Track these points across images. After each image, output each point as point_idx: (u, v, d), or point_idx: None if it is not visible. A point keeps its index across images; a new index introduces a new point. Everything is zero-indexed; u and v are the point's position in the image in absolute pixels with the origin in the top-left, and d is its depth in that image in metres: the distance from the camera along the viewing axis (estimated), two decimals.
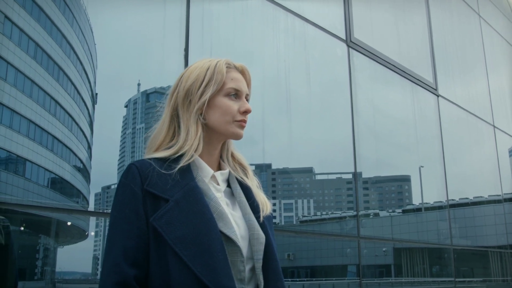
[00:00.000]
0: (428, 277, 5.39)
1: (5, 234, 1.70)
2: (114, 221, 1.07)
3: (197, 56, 3.00)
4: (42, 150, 2.44)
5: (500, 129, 7.17)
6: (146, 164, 1.10)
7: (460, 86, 6.56)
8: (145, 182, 1.07)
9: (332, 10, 4.45)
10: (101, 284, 1.03)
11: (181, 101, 1.18)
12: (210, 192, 1.12)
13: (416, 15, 5.75)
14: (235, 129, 1.19)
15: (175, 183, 1.09)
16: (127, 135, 2.83)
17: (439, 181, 5.51)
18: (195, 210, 1.06)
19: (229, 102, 1.18)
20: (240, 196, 1.20)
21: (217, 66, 1.19)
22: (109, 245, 1.05)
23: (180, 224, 1.04)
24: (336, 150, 4.29)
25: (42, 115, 2.47)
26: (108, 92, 2.73)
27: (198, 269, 1.01)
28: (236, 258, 1.08)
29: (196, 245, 1.03)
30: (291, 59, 3.82)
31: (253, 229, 1.14)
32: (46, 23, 2.54)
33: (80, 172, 2.61)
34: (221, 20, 3.35)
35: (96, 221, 2.68)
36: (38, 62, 2.50)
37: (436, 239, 5.51)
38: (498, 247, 6.77)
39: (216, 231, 1.05)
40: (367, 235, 4.25)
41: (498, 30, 7.88)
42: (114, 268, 1.01)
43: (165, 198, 1.06)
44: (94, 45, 2.70)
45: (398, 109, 5.15)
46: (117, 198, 1.09)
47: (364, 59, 4.59)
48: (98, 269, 2.73)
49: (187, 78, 1.19)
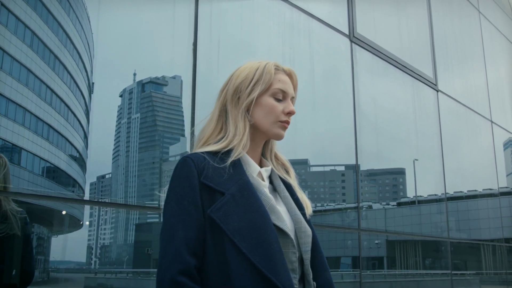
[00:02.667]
0: (421, 269, 5.44)
1: (22, 225, 1.72)
2: (172, 212, 1.12)
3: (206, 50, 3.01)
4: (37, 139, 2.44)
5: (497, 124, 7.19)
6: (200, 157, 1.16)
7: (459, 81, 6.58)
8: (201, 175, 1.12)
9: (336, 5, 4.49)
10: (162, 273, 1.07)
11: (230, 98, 1.24)
12: (260, 187, 1.18)
13: (417, 11, 5.75)
14: (277, 129, 1.24)
15: (229, 176, 1.14)
16: (121, 125, 2.83)
17: (438, 174, 5.54)
18: (250, 203, 1.12)
19: (274, 102, 1.24)
20: (283, 191, 1.26)
21: (266, 67, 1.26)
22: (169, 235, 1.09)
23: (237, 216, 1.09)
24: (337, 142, 4.33)
25: (38, 104, 2.47)
26: (105, 81, 2.72)
27: (257, 259, 1.06)
28: (288, 249, 1.13)
29: (253, 237, 1.08)
30: (295, 54, 3.86)
31: (300, 223, 1.20)
32: (42, 12, 2.53)
33: (76, 161, 2.62)
34: (228, 15, 3.37)
35: (91, 210, 2.69)
36: (34, 50, 2.49)
37: (431, 231, 5.55)
38: (491, 241, 6.83)
39: (271, 224, 1.11)
40: (364, 227, 4.28)
41: (497, 26, 7.88)
42: (177, 258, 1.06)
43: (220, 191, 1.12)
44: (92, 34, 2.69)
45: (398, 103, 5.19)
46: (175, 190, 1.13)
47: (367, 54, 4.64)
48: (92, 258, 2.75)
49: (237, 77, 1.26)
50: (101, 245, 2.77)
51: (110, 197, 2.75)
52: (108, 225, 2.75)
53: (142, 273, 2.95)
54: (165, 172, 3.00)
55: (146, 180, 2.96)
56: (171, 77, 3.06)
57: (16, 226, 1.71)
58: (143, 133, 2.95)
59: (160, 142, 3.03)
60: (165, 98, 3.03)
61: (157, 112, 3.04)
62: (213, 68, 3.11)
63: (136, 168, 2.85)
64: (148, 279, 2.97)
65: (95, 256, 2.75)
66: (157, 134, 3.03)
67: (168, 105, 3.06)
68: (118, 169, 2.78)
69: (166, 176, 3.02)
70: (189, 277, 1.05)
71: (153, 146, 3.02)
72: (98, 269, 2.79)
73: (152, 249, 2.91)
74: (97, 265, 2.81)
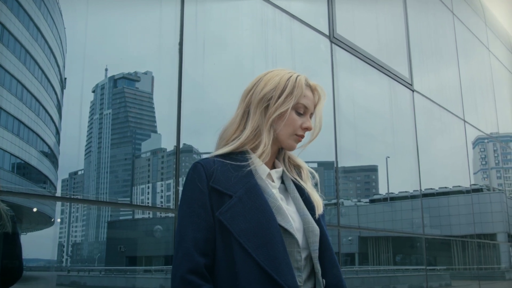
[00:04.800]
0: (392, 265, 5.53)
1: (12, 224, 1.80)
2: (184, 215, 1.19)
3: (192, 49, 3.01)
4: (8, 134, 2.40)
5: (469, 123, 7.38)
6: (210, 162, 1.22)
7: (434, 80, 6.72)
8: (210, 179, 1.18)
9: (317, 6, 4.55)
10: (174, 271, 1.15)
11: (256, 102, 1.27)
12: (268, 189, 1.23)
13: (394, 12, 5.85)
14: (292, 142, 1.30)
15: (237, 180, 1.20)
16: (94, 120, 2.80)
17: (411, 172, 5.65)
18: (256, 205, 1.17)
19: (295, 116, 1.28)
20: (294, 192, 1.31)
21: (298, 81, 1.28)
22: (180, 236, 1.17)
23: (243, 218, 1.15)
24: (316, 140, 4.37)
25: (8, 99, 2.42)
26: (78, 76, 2.69)
27: (260, 258, 1.12)
28: (293, 248, 1.19)
29: (258, 237, 1.14)
30: (278, 53, 3.91)
31: (308, 223, 1.25)
32: (13, 5, 2.48)
33: (47, 158, 2.58)
34: (213, 15, 3.40)
35: (62, 207, 2.66)
36: (4, 45, 2.45)
37: (403, 228, 5.65)
38: (461, 237, 7.00)
39: (276, 225, 1.16)
40: (342, 224, 4.34)
41: (469, 27, 8.07)
42: (186, 257, 1.13)
43: (228, 194, 1.18)
44: (64, 29, 2.65)
45: (376, 103, 5.29)
46: (186, 194, 1.21)
47: (346, 55, 4.71)
48: (63, 256, 2.71)
49: (266, 82, 1.27)
50: (72, 242, 2.74)
51: (83, 194, 2.72)
52: (80, 222, 2.72)
53: (116, 271, 2.93)
54: (138, 169, 2.98)
55: (119, 177, 2.94)
56: (143, 73, 3.04)
57: (8, 224, 1.78)
58: (115, 129, 2.92)
59: (132, 138, 3.01)
60: (137, 94, 3.01)
61: (129, 108, 3.02)
62: (198, 66, 3.11)
63: (108, 165, 2.83)
64: (122, 276, 2.96)
65: (66, 254, 2.72)
66: (129, 130, 3.00)
67: (140, 101, 3.04)
68: (90, 166, 2.76)
69: (138, 173, 3.01)
70: (198, 275, 1.12)
71: (125, 142, 2.99)
72: (71, 266, 2.76)
73: (125, 246, 2.90)
74: (69, 263, 2.77)
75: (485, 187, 8.62)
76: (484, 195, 8.33)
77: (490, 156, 9.05)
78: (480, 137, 8.12)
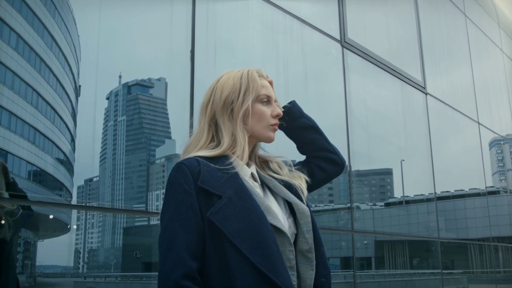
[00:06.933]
0: (409, 269, 5.47)
1: (14, 228, 1.77)
2: (171, 218, 1.13)
3: (203, 54, 3.05)
4: (24, 142, 2.42)
5: (484, 125, 7.29)
6: (194, 162, 1.18)
7: (447, 83, 6.66)
8: (197, 179, 1.15)
9: (327, 11, 4.55)
10: (165, 278, 1.09)
11: (219, 110, 1.26)
12: (253, 190, 1.21)
13: (406, 15, 5.82)
14: (269, 133, 1.30)
15: (225, 180, 1.17)
16: (108, 127, 2.82)
17: (426, 175, 5.60)
18: (247, 206, 1.15)
19: (263, 108, 1.29)
20: (271, 181, 1.29)
21: (250, 75, 1.29)
22: (169, 240, 1.11)
23: (236, 218, 1.12)
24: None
25: (24, 107, 2.45)
26: (92, 83, 2.71)
27: (256, 259, 1.09)
28: (285, 247, 1.17)
29: (252, 238, 1.11)
30: (289, 58, 3.91)
31: (297, 205, 1.24)
32: (28, 14, 2.51)
33: (63, 165, 2.60)
34: (224, 21, 3.42)
35: (78, 214, 2.67)
36: (20, 53, 2.48)
37: (419, 231, 5.59)
38: (478, 240, 6.90)
39: (268, 225, 1.14)
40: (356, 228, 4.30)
41: (482, 28, 7.99)
42: (179, 262, 1.08)
43: (218, 194, 1.14)
44: (78, 36, 2.67)
45: (388, 106, 5.26)
46: (171, 196, 1.16)
47: (358, 59, 4.70)
48: (80, 262, 2.73)
49: (222, 88, 1.28)
50: (88, 248, 2.76)
51: (98, 200, 2.73)
52: (96, 229, 2.73)
53: (132, 277, 2.94)
54: (152, 175, 2.99)
55: (134, 183, 2.95)
56: (156, 79, 3.06)
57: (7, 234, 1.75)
58: (129, 136, 2.94)
59: (146, 144, 3.03)
60: (151, 100, 3.03)
61: (143, 114, 3.03)
62: (209, 72, 3.13)
63: (123, 171, 2.84)
64: (138, 282, 2.96)
65: (82, 260, 2.73)
66: (143, 137, 3.02)
67: (154, 107, 3.05)
68: (105, 172, 2.77)
69: (154, 179, 3.01)
70: (192, 281, 1.08)
71: (140, 149, 3.01)
72: (87, 273, 2.77)
73: (141, 252, 2.90)
74: (85, 269, 2.79)
75: (502, 189, 8.49)
76: (502, 197, 8.20)
77: (506, 157, 8.93)
78: (496, 139, 8.02)
